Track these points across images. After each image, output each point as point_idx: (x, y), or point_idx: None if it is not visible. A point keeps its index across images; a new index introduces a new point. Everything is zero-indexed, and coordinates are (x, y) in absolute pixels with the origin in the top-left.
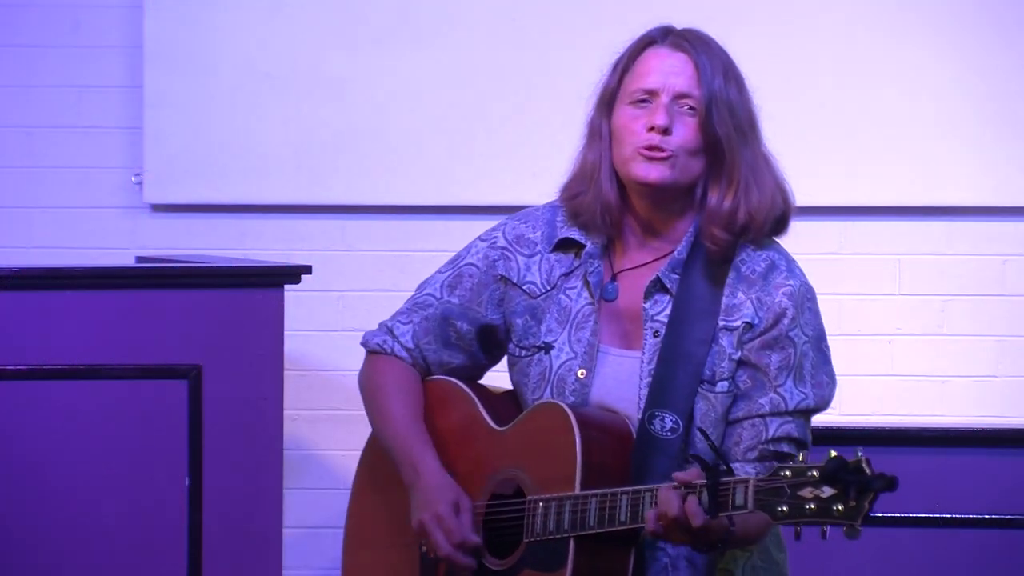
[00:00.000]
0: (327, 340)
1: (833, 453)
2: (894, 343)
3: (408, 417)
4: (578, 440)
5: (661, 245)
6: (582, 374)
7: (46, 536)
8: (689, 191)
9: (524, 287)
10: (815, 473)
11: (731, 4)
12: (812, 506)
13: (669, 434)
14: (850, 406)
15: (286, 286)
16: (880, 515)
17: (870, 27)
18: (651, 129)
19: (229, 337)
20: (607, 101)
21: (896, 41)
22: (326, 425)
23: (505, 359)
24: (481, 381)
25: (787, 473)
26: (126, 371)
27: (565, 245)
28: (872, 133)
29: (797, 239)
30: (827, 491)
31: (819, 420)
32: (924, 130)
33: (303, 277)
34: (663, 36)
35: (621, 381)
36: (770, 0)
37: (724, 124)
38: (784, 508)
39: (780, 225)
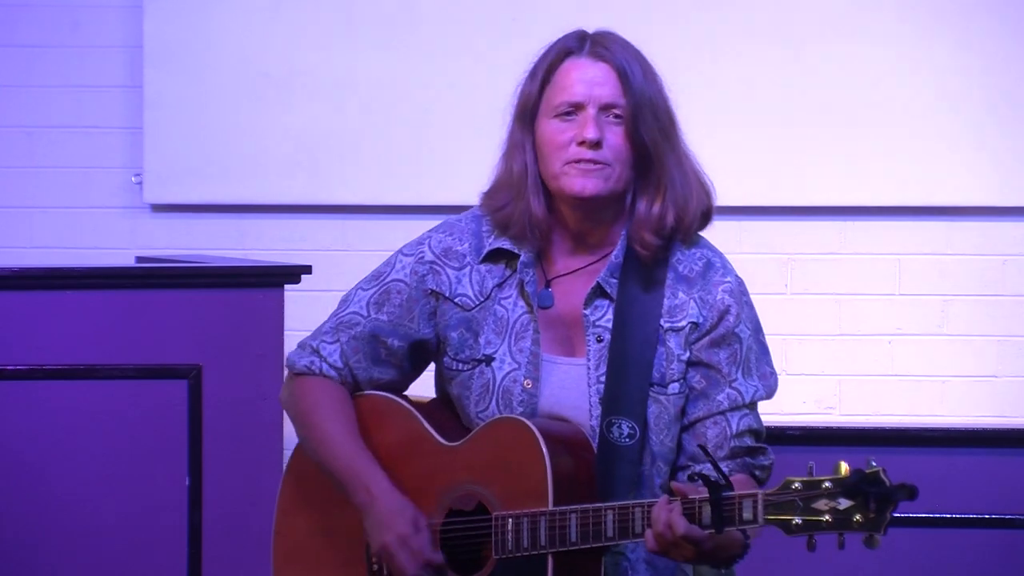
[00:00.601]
0: None
1: (843, 463)
2: (894, 343)
3: (348, 437)
4: (547, 455)
5: (592, 249)
6: (528, 384)
7: (46, 536)
8: (620, 198)
9: (456, 300)
10: (830, 485)
11: (733, 6)
12: (828, 518)
13: (627, 440)
14: (850, 406)
15: (286, 286)
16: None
17: (870, 27)
18: (581, 143)
19: (229, 337)
20: (528, 113)
21: (896, 41)
22: None
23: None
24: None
25: (797, 486)
26: (126, 371)
27: (495, 256)
28: (872, 133)
29: (797, 239)
30: (844, 503)
31: (818, 420)
32: (924, 130)
33: (303, 277)
34: (580, 45)
35: (569, 389)
36: (771, 2)
37: (650, 129)
38: (798, 521)
39: (705, 220)
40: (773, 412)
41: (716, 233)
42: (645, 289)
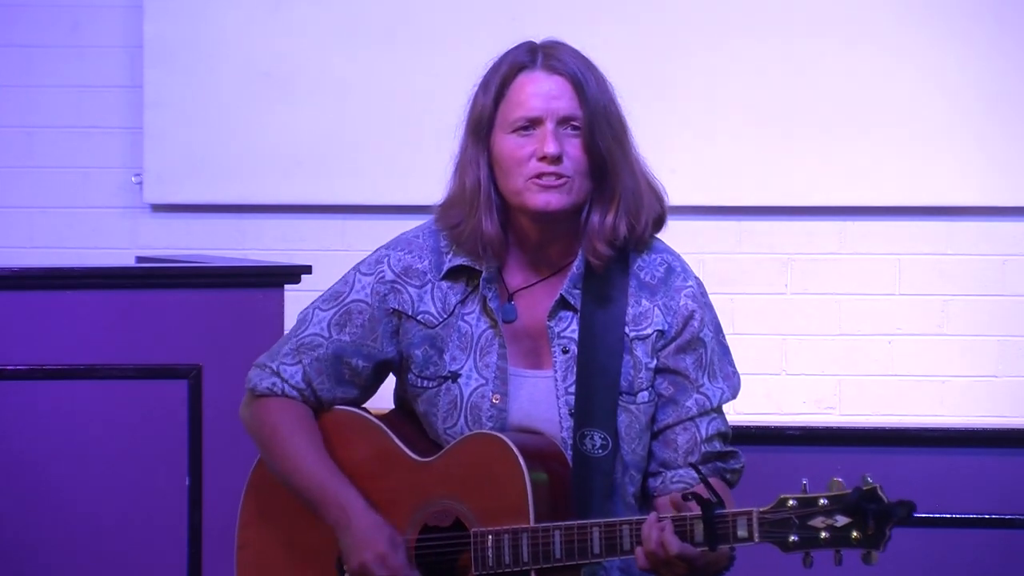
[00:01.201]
0: None
1: (837, 480)
2: (894, 343)
3: (316, 457)
4: (525, 471)
5: (552, 261)
6: (497, 399)
7: (46, 536)
8: (579, 210)
9: (419, 318)
10: (826, 502)
11: (733, 5)
12: (825, 535)
13: (600, 451)
14: (850, 406)
15: (286, 286)
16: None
17: (870, 28)
18: (542, 158)
19: (229, 337)
20: (483, 128)
21: (896, 42)
22: None
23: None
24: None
25: (792, 503)
26: (126, 371)
27: (455, 272)
28: (872, 133)
29: (796, 239)
30: (841, 520)
31: (818, 420)
32: (924, 130)
33: (303, 277)
34: (532, 58)
35: (538, 402)
36: (771, 1)
37: (605, 138)
38: (795, 539)
39: (658, 225)
40: (773, 412)
41: (716, 233)
42: (608, 298)
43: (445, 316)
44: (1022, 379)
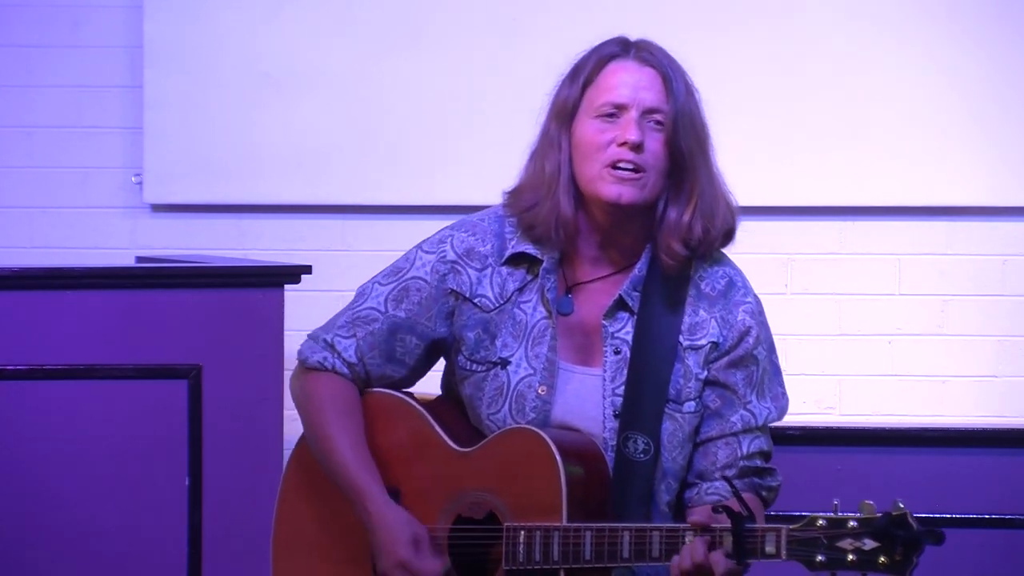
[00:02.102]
0: None
1: (869, 503)
2: (894, 343)
3: (353, 444)
4: (562, 471)
5: (616, 258)
6: (543, 391)
7: (46, 536)
8: (651, 207)
9: (476, 301)
10: (856, 524)
11: (732, 4)
12: (852, 557)
13: (642, 456)
14: (850, 406)
15: (286, 286)
16: (880, 515)
17: (871, 27)
18: (622, 144)
19: (229, 337)
20: (567, 113)
21: (896, 41)
22: None
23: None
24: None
25: (822, 523)
26: (126, 371)
27: (517, 259)
28: (872, 133)
29: (797, 239)
30: (869, 543)
31: (818, 420)
32: (924, 130)
33: (303, 277)
34: (626, 49)
35: (584, 399)
36: (771, 1)
37: (687, 138)
38: (822, 558)
39: (727, 238)
40: None
41: None
42: (666, 305)
43: (501, 302)
44: (1022, 379)
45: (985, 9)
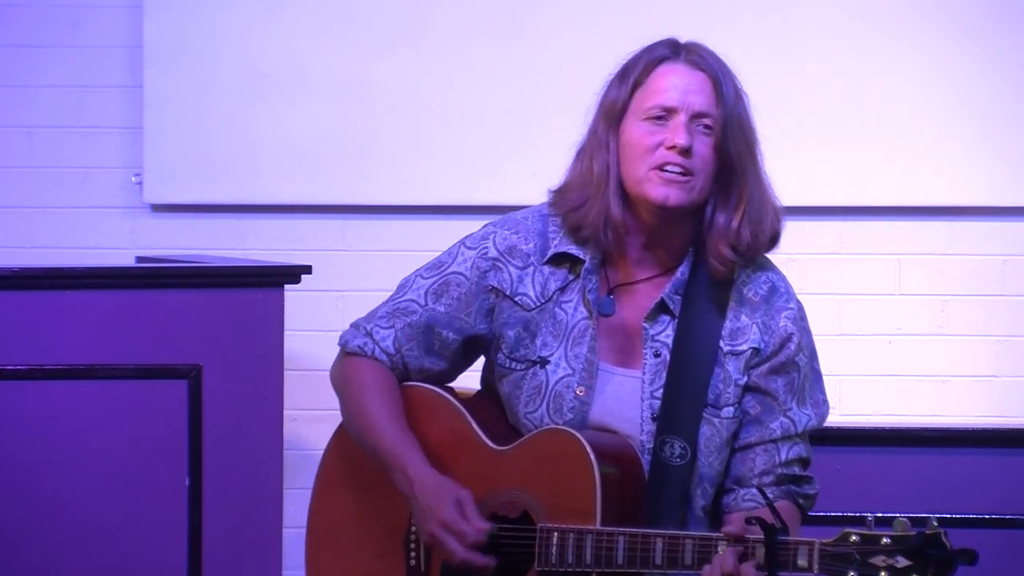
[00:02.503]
0: (327, 340)
1: (903, 520)
2: (894, 343)
3: (394, 421)
4: (597, 475)
5: (660, 260)
6: (581, 392)
7: (46, 536)
8: (698, 210)
9: (516, 299)
10: (889, 541)
11: (732, 4)
12: (885, 574)
13: (679, 460)
14: (850, 406)
15: (286, 286)
16: (879, 515)
17: (870, 27)
18: (671, 148)
19: (229, 337)
20: (615, 114)
21: (896, 41)
22: (326, 425)
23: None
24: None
25: (855, 539)
26: (126, 371)
27: (559, 259)
28: (872, 133)
29: (797, 239)
30: (902, 561)
31: None
32: (924, 130)
33: (303, 277)
34: (676, 52)
35: (622, 401)
36: (769, 1)
37: (736, 142)
38: (853, 574)
39: (773, 242)
40: None
41: None
42: (708, 309)
43: (543, 301)
44: (1022, 379)
45: (985, 9)
